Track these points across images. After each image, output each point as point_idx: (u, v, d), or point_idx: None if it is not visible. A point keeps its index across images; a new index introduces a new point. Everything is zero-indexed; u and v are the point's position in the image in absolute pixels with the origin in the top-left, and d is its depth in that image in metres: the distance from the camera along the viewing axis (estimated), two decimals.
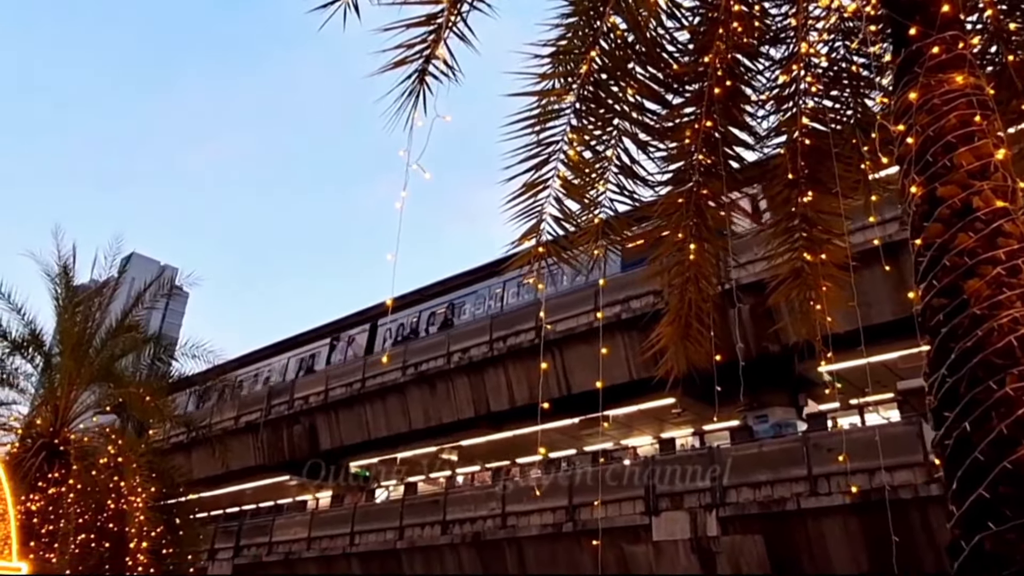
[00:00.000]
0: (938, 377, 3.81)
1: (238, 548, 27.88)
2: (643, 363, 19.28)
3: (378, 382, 27.06)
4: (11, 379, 13.92)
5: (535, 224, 4.78)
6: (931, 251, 3.95)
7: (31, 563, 8.70)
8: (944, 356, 3.76)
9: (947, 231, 3.87)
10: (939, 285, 3.88)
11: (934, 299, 3.90)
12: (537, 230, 4.76)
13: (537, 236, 4.79)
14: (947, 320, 3.78)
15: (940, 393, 3.79)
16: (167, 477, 14.75)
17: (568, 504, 19.98)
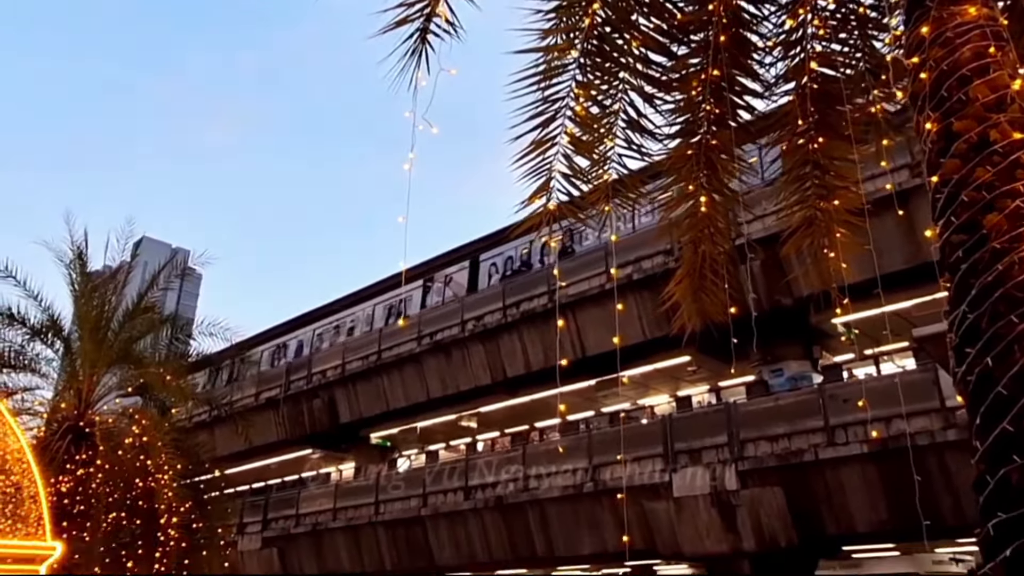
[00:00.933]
0: (959, 314, 3.76)
1: (266, 521, 28.26)
2: (656, 322, 19.28)
3: (394, 353, 27.17)
4: (32, 365, 14.06)
5: (544, 182, 4.71)
6: (948, 187, 3.87)
7: (65, 542, 8.81)
8: (964, 292, 3.70)
9: (964, 166, 3.79)
10: (957, 221, 3.81)
11: (953, 236, 3.83)
12: (547, 188, 4.69)
13: (547, 194, 4.72)
14: (966, 256, 3.71)
15: (961, 330, 3.74)
16: (192, 454, 14.93)
17: (588, 465, 20.11)
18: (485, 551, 22.22)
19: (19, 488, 8.18)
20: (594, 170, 4.98)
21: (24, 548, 8.03)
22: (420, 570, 29.14)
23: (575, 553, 21.13)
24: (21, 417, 12.11)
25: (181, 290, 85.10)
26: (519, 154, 4.67)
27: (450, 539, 22.82)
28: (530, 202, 4.71)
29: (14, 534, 8.02)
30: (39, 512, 8.21)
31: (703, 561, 20.24)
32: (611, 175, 4.99)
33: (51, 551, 8.22)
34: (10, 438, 8.31)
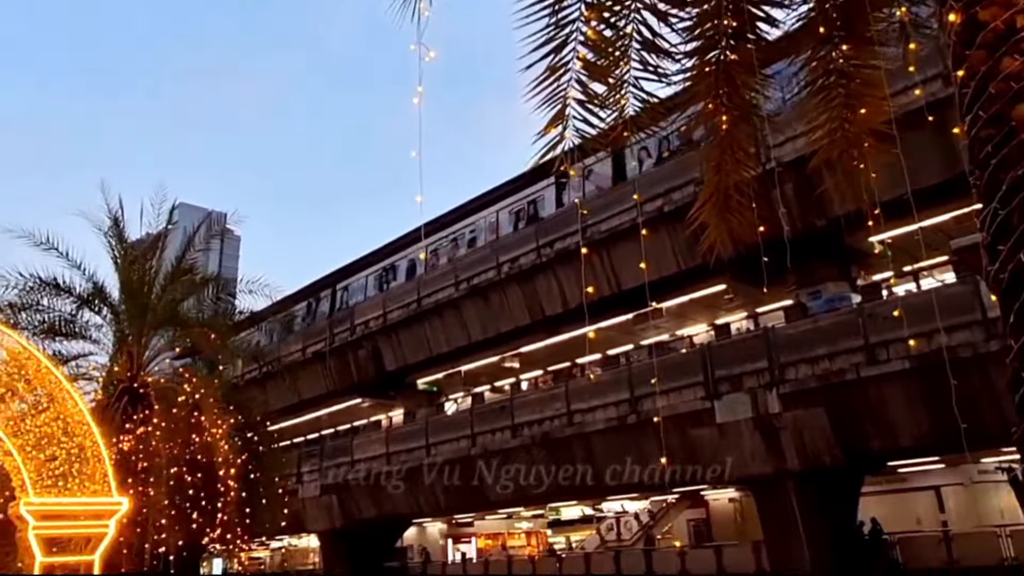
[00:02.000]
0: (989, 211, 3.61)
1: (323, 470, 29.00)
2: (690, 253, 19.08)
3: (433, 300, 27.34)
4: (83, 332, 14.44)
5: (560, 110, 4.59)
6: (975, 80, 3.68)
7: (131, 498, 9.14)
8: (995, 188, 3.55)
9: (990, 57, 3.60)
10: (985, 115, 3.63)
11: (981, 130, 3.66)
12: (562, 116, 4.57)
13: (563, 122, 4.60)
14: (996, 151, 3.55)
15: (992, 227, 3.59)
16: (245, 410, 15.29)
17: (630, 397, 20.20)
18: (535, 485, 22.58)
19: (83, 449, 8.49)
20: (611, 95, 4.83)
21: (94, 504, 8.36)
22: (474, 506, 29.84)
23: (622, 482, 21.38)
24: (79, 382, 12.49)
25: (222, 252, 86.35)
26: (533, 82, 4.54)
27: (500, 475, 23.21)
28: (546, 131, 4.59)
29: (83, 492, 8.34)
30: (104, 470, 8.53)
31: (748, 483, 20.36)
32: (628, 99, 4.83)
33: (119, 506, 8.56)
34: (69, 403, 8.59)
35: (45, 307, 13.92)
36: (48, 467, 8.28)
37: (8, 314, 12.69)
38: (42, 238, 14.06)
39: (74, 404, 8.65)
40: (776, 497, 18.25)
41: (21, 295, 13.50)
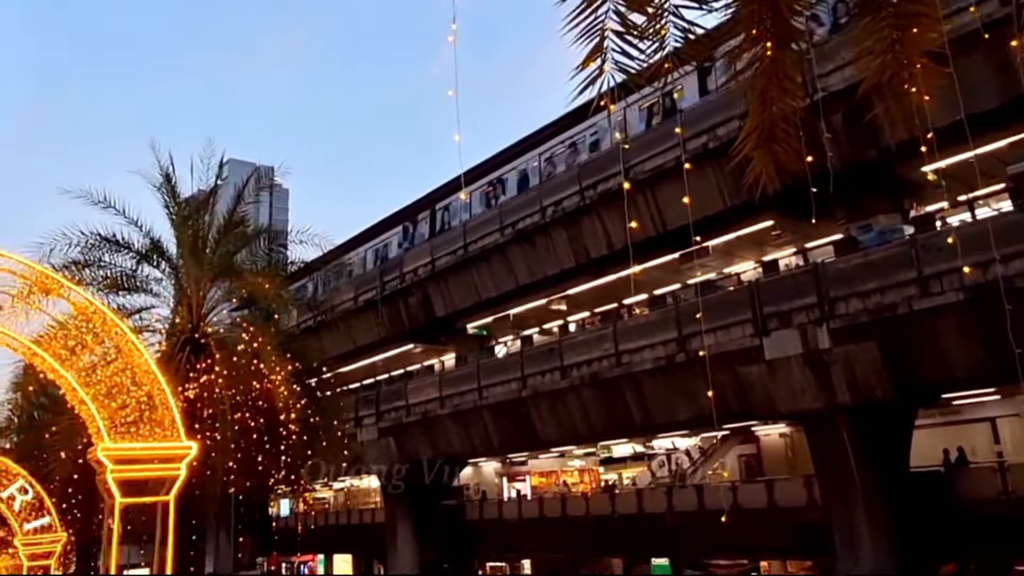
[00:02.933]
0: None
1: (380, 413, 29.70)
2: (736, 190, 18.72)
3: (479, 246, 27.42)
4: (144, 286, 14.91)
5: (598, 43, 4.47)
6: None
7: (199, 442, 9.48)
8: None
9: None
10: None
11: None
12: (600, 48, 4.45)
13: (601, 55, 4.48)
14: None
15: None
16: (302, 357, 15.68)
17: (678, 336, 20.13)
18: (585, 424, 22.85)
19: (151, 397, 8.82)
20: (651, 26, 4.68)
21: (165, 449, 8.72)
22: (526, 446, 30.34)
23: (672, 420, 21.50)
24: (143, 334, 12.91)
25: (272, 206, 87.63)
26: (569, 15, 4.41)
27: (551, 416, 23.51)
28: (584, 66, 4.48)
29: (153, 437, 8.70)
30: (172, 417, 8.86)
31: (799, 419, 20.28)
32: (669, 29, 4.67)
33: (188, 450, 8.91)
34: (135, 354, 8.90)
35: (107, 263, 14.42)
36: (120, 414, 8.63)
37: (73, 271, 13.12)
38: (99, 197, 14.47)
39: (140, 355, 8.96)
40: (827, 432, 18.17)
41: (84, 252, 14.01)
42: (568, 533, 32.61)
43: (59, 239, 13.55)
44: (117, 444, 8.45)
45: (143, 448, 8.58)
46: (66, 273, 10.53)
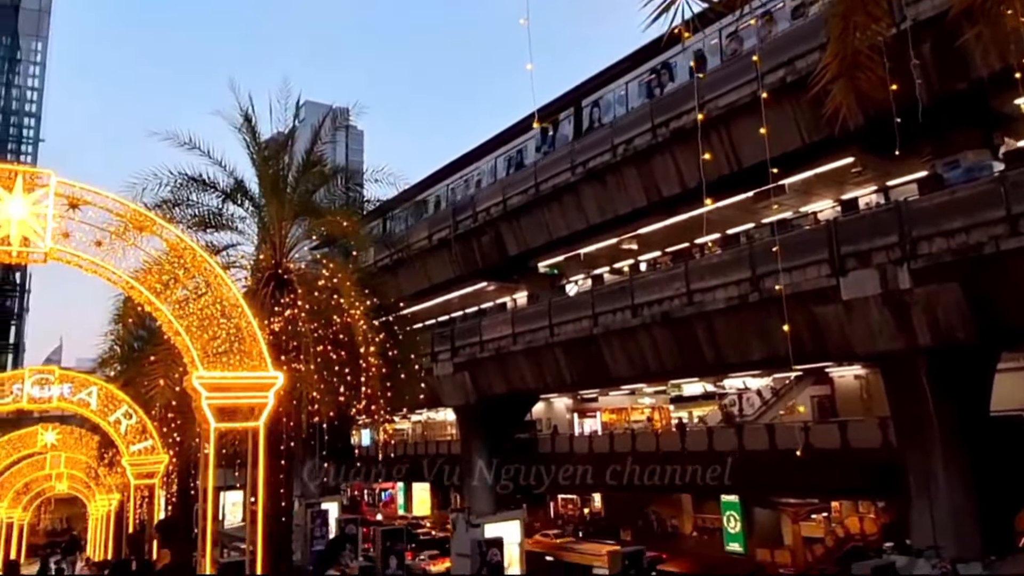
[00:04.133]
0: None
1: (455, 349, 30.32)
2: (815, 125, 18.07)
3: (550, 185, 27.30)
4: (230, 224, 15.49)
5: None
6: None
7: (285, 373, 9.93)
8: None
9: None
10: None
11: None
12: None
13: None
14: None
15: None
16: (380, 293, 16.11)
17: (751, 275, 19.78)
18: (656, 362, 22.86)
19: (239, 329, 9.27)
20: None
21: (253, 378, 9.20)
22: (597, 383, 30.61)
23: (744, 359, 21.32)
24: (230, 270, 13.46)
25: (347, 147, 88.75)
26: None
27: (622, 353, 23.60)
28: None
29: (242, 367, 9.17)
30: (259, 348, 9.31)
31: (876, 360, 19.84)
32: None
33: (275, 379, 9.37)
34: (224, 288, 9.33)
35: (195, 202, 15.02)
36: (211, 345, 9.12)
37: (165, 209, 13.69)
38: (185, 139, 14.99)
39: (228, 289, 9.39)
40: (905, 373, 17.75)
41: (173, 192, 14.62)
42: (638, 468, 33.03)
43: (150, 179, 14.18)
44: (210, 373, 8.96)
45: (234, 377, 9.07)
46: (158, 211, 10.99)
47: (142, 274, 9.08)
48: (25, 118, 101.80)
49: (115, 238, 8.97)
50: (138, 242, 9.09)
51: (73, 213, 8.79)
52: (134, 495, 17.75)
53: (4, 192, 8.34)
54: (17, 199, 8.39)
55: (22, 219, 8.39)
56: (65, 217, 8.73)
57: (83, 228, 8.87)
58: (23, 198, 8.43)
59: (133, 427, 16.91)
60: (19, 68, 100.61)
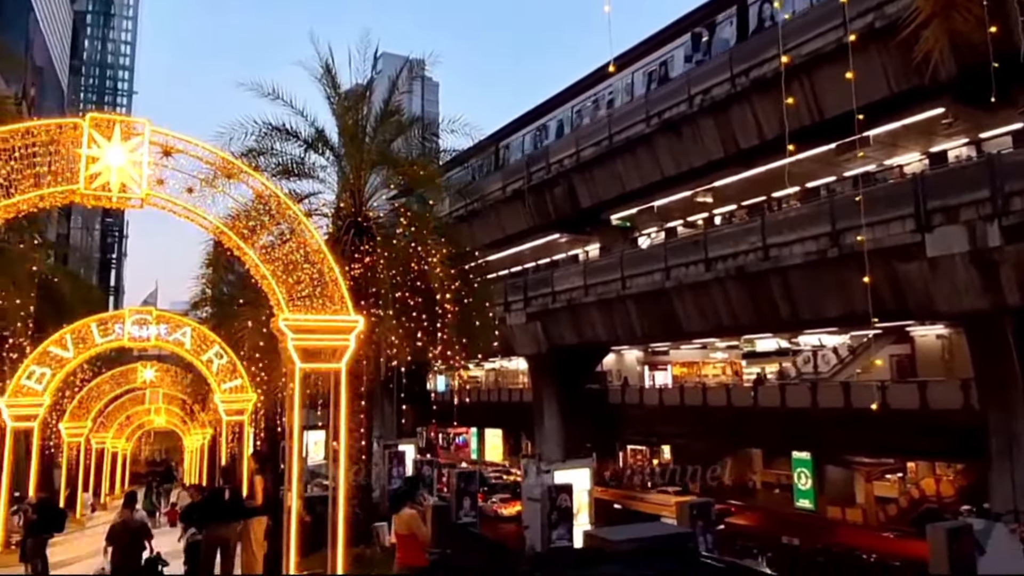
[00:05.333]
0: None
1: (527, 299, 30.53)
2: (904, 73, 17.21)
3: (624, 137, 26.88)
4: (311, 172, 15.82)
5: None
6: None
7: (365, 317, 10.19)
8: None
9: None
10: None
11: None
12: None
13: None
14: None
15: None
16: (455, 242, 16.28)
17: (831, 230, 19.19)
18: (729, 317, 22.54)
19: (322, 274, 9.52)
20: None
21: (336, 321, 9.47)
22: (668, 336, 30.41)
23: (821, 316, 20.81)
24: (312, 218, 13.79)
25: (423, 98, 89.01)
26: None
27: (694, 307, 23.33)
28: None
29: (325, 311, 9.44)
30: (340, 293, 9.55)
31: (960, 319, 19.10)
32: None
33: (356, 323, 9.61)
34: (307, 234, 9.57)
35: (278, 151, 15.37)
36: (296, 289, 9.40)
37: (250, 158, 14.04)
38: (268, 89, 15.31)
39: (311, 235, 9.63)
40: (991, 333, 17.09)
41: (258, 141, 14.98)
42: (707, 422, 32.90)
43: (237, 129, 14.58)
44: (295, 315, 9.26)
45: (317, 320, 9.35)
46: (244, 160, 11.30)
47: (230, 220, 9.36)
48: (119, 71, 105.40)
49: (205, 185, 9.26)
50: (226, 189, 9.35)
51: (166, 161, 9.11)
52: (226, 430, 18.70)
53: (103, 140, 8.71)
54: (116, 147, 8.75)
55: (121, 166, 8.75)
56: (159, 165, 9.05)
57: (176, 175, 9.18)
58: (121, 146, 8.78)
59: (224, 367, 17.70)
60: (113, 23, 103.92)
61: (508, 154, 38.56)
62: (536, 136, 36.70)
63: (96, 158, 8.63)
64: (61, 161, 8.60)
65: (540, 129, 36.57)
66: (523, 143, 37.56)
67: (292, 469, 9.56)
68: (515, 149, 38.29)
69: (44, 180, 8.49)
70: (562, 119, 35.47)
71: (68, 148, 8.61)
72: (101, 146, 8.69)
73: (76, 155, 8.59)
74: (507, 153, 38.68)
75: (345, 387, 9.57)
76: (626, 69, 31.76)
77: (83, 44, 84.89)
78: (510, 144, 38.62)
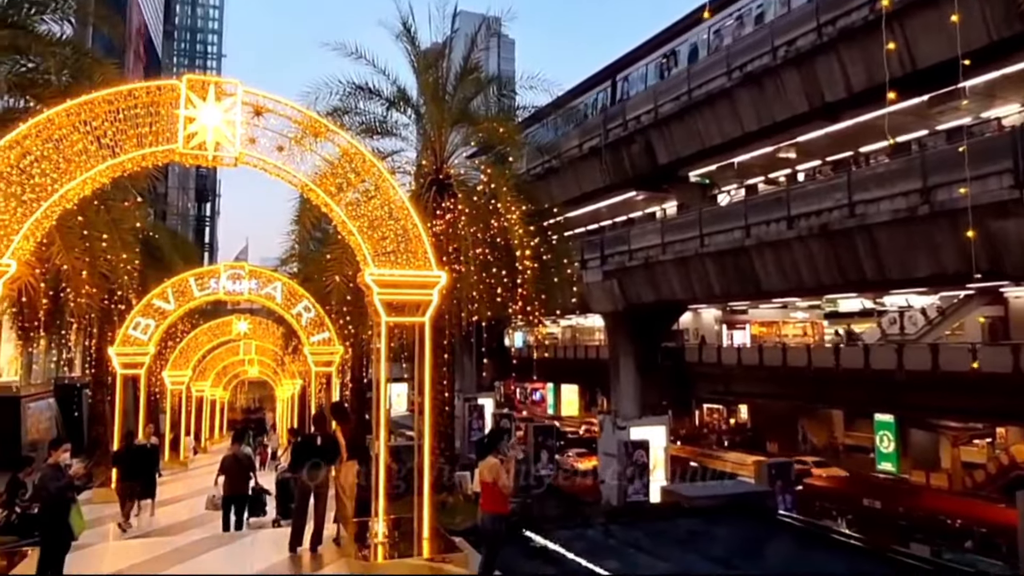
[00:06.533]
0: None
1: (603, 257, 30.32)
2: (1005, 18, 16.12)
3: (704, 91, 26.11)
4: (393, 131, 16.08)
5: None
6: None
7: (447, 272, 10.35)
8: None
9: None
10: None
11: None
12: None
13: None
14: None
15: None
16: (533, 199, 16.28)
17: (922, 186, 18.28)
18: (812, 276, 21.86)
19: (406, 230, 9.71)
20: None
21: (420, 276, 9.66)
22: (747, 295, 29.79)
23: (909, 276, 19.98)
24: (395, 175, 13.96)
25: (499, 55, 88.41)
26: None
27: (776, 266, 22.72)
28: None
29: (409, 266, 9.64)
30: (424, 248, 9.73)
31: None
32: None
33: (439, 278, 9.80)
34: (391, 191, 9.75)
35: (361, 110, 15.67)
36: (381, 245, 9.62)
37: (335, 117, 14.32)
38: (351, 49, 15.53)
39: (395, 192, 9.81)
40: None
41: (342, 100, 15.32)
42: (787, 383, 32.30)
43: (322, 89, 14.92)
44: (380, 270, 9.50)
45: (402, 274, 9.56)
46: (329, 119, 11.52)
47: (318, 177, 9.62)
48: (209, 35, 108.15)
49: (294, 143, 9.53)
50: (314, 147, 9.61)
51: (257, 120, 9.40)
52: (315, 381, 19.45)
53: (199, 100, 9.04)
54: (211, 107, 9.08)
55: (216, 126, 9.09)
56: (251, 124, 9.36)
57: (266, 134, 9.48)
58: (216, 106, 9.10)
59: (312, 320, 18.34)
60: None
61: (628, 87, 36.03)
62: (661, 65, 33.86)
63: (193, 118, 8.99)
64: (161, 122, 8.99)
65: (668, 55, 33.51)
66: (645, 73, 34.93)
67: (379, 419, 9.90)
68: (635, 81, 35.71)
69: (146, 140, 8.91)
70: (695, 42, 32.02)
71: (167, 109, 8.99)
72: (197, 107, 9.03)
73: (174, 116, 8.97)
74: (626, 86, 36.29)
75: (429, 340, 9.80)
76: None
77: (175, 9, 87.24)
78: (629, 76, 36.48)
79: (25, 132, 8.29)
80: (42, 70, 11.45)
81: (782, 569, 12.47)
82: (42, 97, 11.02)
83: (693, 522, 14.91)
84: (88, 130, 8.52)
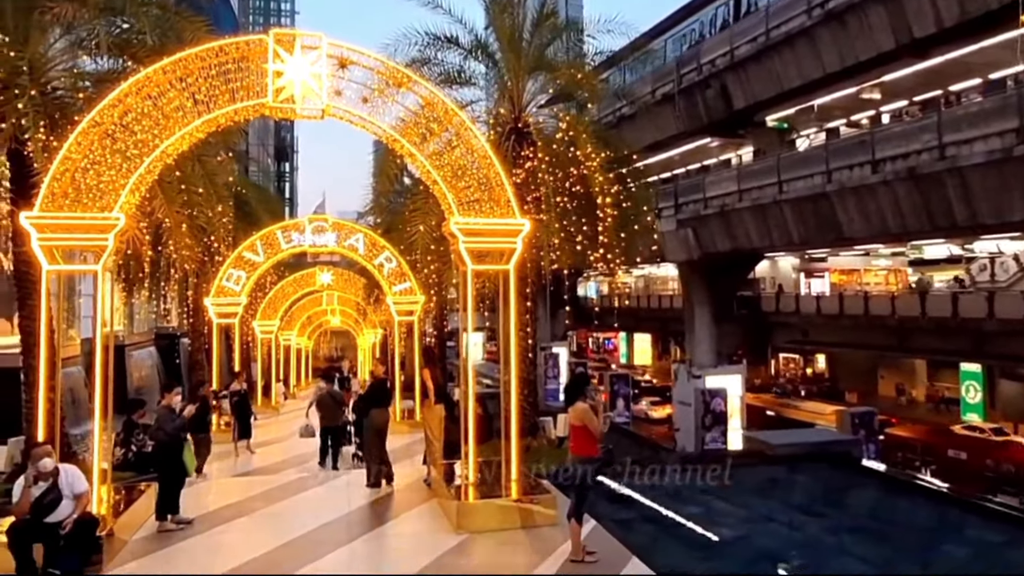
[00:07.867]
0: None
1: (678, 206, 29.70)
2: None
3: (783, 31, 24.97)
4: (471, 80, 15.93)
5: None
6: None
7: (530, 219, 10.28)
8: None
9: None
10: None
11: None
12: None
13: None
14: None
15: None
16: (612, 146, 15.97)
17: (1019, 125, 17.18)
18: (897, 222, 20.94)
19: (488, 179, 9.65)
20: None
21: (503, 224, 9.62)
22: (827, 242, 28.81)
23: (1004, 220, 18.92)
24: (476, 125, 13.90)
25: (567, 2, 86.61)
26: None
27: (859, 212, 21.83)
28: None
29: (492, 214, 9.60)
30: (506, 197, 9.65)
31: None
32: None
33: (522, 227, 9.73)
34: (473, 140, 9.67)
35: (439, 61, 15.57)
36: (464, 194, 9.60)
37: (414, 68, 14.24)
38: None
39: (477, 140, 9.74)
40: None
41: (420, 51, 15.26)
42: (868, 332, 31.33)
43: (400, 40, 14.88)
44: (465, 219, 9.49)
45: (486, 223, 9.53)
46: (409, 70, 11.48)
47: (402, 127, 9.61)
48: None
49: (377, 95, 9.52)
50: (396, 98, 9.59)
51: (342, 72, 9.41)
52: (397, 330, 19.80)
53: (287, 54, 9.09)
54: (298, 60, 9.12)
55: (303, 79, 9.14)
56: (336, 76, 9.38)
57: (351, 86, 9.50)
58: (302, 59, 9.15)
59: (394, 270, 18.58)
60: None
61: None
62: None
63: (281, 72, 9.06)
64: (251, 76, 9.09)
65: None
66: None
67: (465, 365, 10.00)
68: None
69: (238, 95, 9.03)
70: None
71: (256, 64, 9.08)
72: (285, 60, 9.09)
73: (263, 70, 9.05)
74: None
75: (513, 288, 9.79)
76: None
77: None
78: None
79: (126, 90, 8.51)
80: (136, 30, 11.69)
81: (867, 516, 12.26)
82: (138, 57, 11.27)
83: (774, 470, 14.75)
84: (183, 87, 8.70)
